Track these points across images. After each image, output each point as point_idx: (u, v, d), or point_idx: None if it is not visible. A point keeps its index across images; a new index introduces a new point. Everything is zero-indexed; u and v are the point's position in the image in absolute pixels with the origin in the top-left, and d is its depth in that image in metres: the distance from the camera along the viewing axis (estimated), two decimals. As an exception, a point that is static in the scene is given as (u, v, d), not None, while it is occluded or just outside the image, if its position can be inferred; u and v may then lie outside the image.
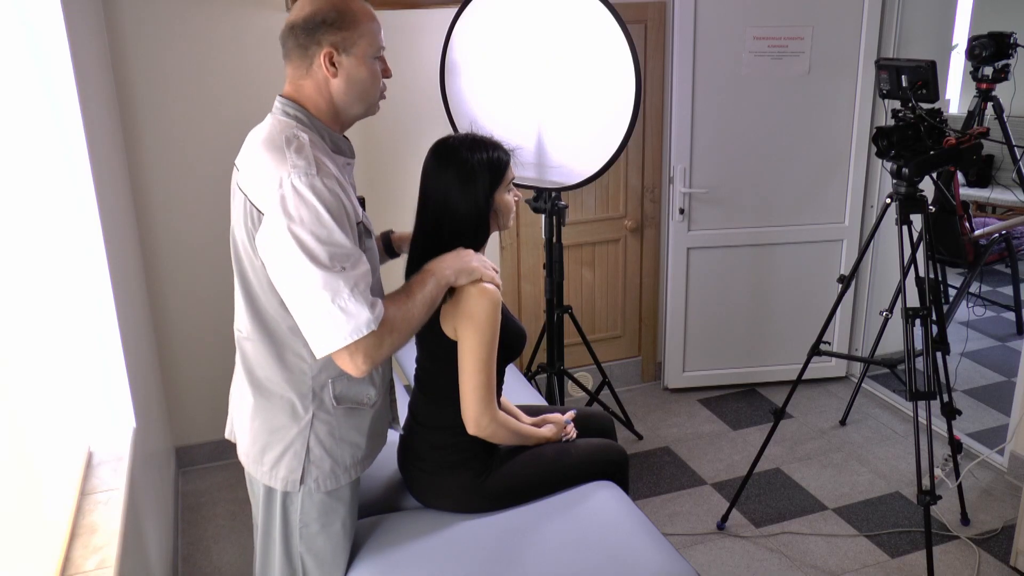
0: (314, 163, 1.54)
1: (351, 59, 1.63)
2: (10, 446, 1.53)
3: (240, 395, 1.77)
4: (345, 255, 1.52)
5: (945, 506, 2.97)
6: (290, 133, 1.58)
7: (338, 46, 1.61)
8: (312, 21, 1.60)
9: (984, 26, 4.49)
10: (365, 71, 1.65)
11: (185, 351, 3.24)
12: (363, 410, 1.76)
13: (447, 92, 2.99)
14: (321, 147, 1.62)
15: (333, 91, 1.64)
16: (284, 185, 1.51)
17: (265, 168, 1.55)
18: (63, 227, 2.00)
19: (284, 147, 1.55)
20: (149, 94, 2.96)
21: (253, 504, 1.84)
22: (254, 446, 1.74)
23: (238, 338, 1.75)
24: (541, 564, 1.79)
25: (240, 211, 1.61)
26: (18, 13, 1.85)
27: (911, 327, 2.63)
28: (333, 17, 1.60)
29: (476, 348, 1.79)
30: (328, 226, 1.51)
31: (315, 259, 1.49)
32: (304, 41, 1.61)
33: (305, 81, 1.65)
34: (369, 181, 3.32)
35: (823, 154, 3.65)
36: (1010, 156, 5.23)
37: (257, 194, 1.56)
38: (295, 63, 1.65)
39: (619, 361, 3.96)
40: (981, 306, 4.81)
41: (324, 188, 1.52)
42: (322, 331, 1.53)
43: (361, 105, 1.69)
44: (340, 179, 1.59)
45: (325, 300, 1.50)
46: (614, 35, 2.58)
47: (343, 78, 1.63)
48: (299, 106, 1.65)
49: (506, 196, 1.87)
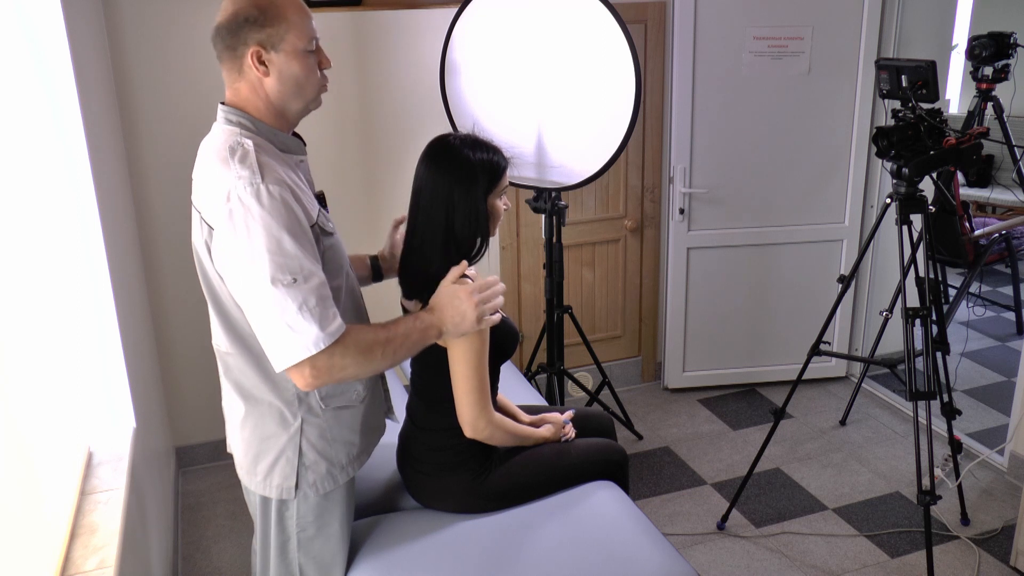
0: (259, 171, 1.49)
1: (280, 55, 1.56)
2: (10, 446, 1.53)
3: (231, 406, 1.75)
4: (297, 266, 1.48)
5: (945, 506, 2.97)
6: (233, 142, 1.54)
7: (264, 43, 1.55)
8: (235, 21, 1.54)
9: (984, 26, 4.49)
10: (297, 66, 1.58)
11: (185, 351, 3.24)
12: (353, 407, 1.75)
13: (447, 92, 2.99)
14: (268, 150, 1.57)
15: (268, 90, 1.59)
16: (231, 198, 1.47)
17: (212, 182, 1.52)
18: (63, 227, 2.00)
19: (228, 157, 1.51)
20: (149, 94, 2.96)
21: (252, 514, 1.84)
22: (247, 456, 1.72)
23: (219, 354, 1.72)
24: (541, 564, 1.79)
25: (196, 229, 1.59)
26: (18, 13, 1.85)
27: (911, 327, 2.63)
28: (255, 14, 1.54)
29: (466, 354, 1.78)
30: (277, 235, 1.47)
31: (264, 273, 1.46)
32: (231, 42, 1.56)
33: (240, 84, 1.60)
34: (369, 182, 3.32)
35: (823, 154, 3.65)
36: (1010, 156, 5.23)
37: (207, 209, 1.53)
38: (227, 66, 1.59)
39: (619, 361, 3.96)
40: (981, 306, 4.81)
41: (271, 195, 1.48)
42: (274, 347, 1.51)
43: (299, 102, 1.63)
44: (291, 181, 1.55)
45: (274, 316, 1.48)
46: (614, 35, 2.58)
47: (275, 76, 1.57)
48: (239, 111, 1.59)
49: (497, 202, 1.85)
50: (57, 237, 1.99)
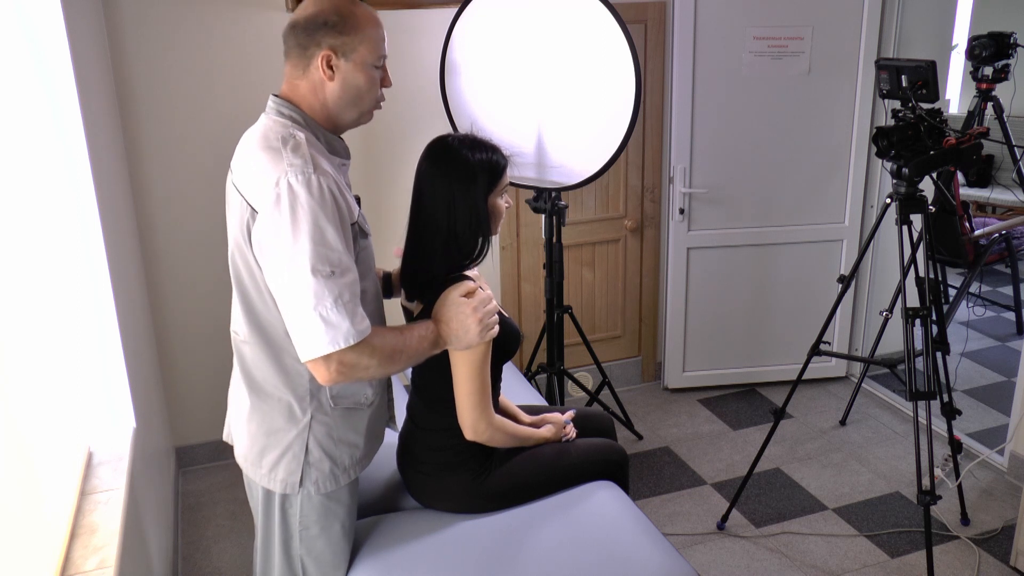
0: (311, 161, 1.52)
1: (349, 64, 1.61)
2: (10, 446, 1.53)
3: (237, 397, 1.77)
4: (337, 259, 1.51)
5: (945, 506, 2.97)
6: (286, 133, 1.57)
7: (337, 49, 1.60)
8: (314, 22, 1.59)
9: (984, 26, 4.49)
10: (362, 78, 1.63)
11: (185, 351, 3.24)
12: (360, 410, 1.76)
13: (447, 92, 2.99)
14: (317, 147, 1.61)
15: (328, 94, 1.63)
16: (281, 183, 1.49)
17: (261, 167, 1.54)
18: (63, 227, 2.00)
19: (281, 147, 1.54)
20: (149, 94, 2.96)
21: (252, 508, 1.84)
22: (252, 449, 1.73)
23: (235, 341, 1.74)
24: (541, 564, 1.79)
25: (236, 212, 1.60)
26: (18, 13, 1.85)
27: (911, 327, 2.63)
28: (335, 20, 1.58)
29: (468, 356, 1.78)
30: (322, 226, 1.50)
31: (305, 261, 1.48)
32: (304, 41, 1.60)
33: (301, 81, 1.63)
34: (368, 182, 3.32)
35: (823, 154, 3.65)
36: (1010, 156, 5.23)
37: (253, 193, 1.55)
38: (293, 62, 1.64)
39: (619, 361, 3.96)
40: (981, 306, 4.81)
41: (321, 186, 1.51)
42: (304, 337, 1.52)
43: (354, 111, 1.67)
44: (336, 178, 1.59)
45: (308, 306, 1.49)
46: (614, 35, 2.58)
47: (339, 82, 1.62)
48: (294, 106, 1.64)
49: (498, 201, 1.85)
50: (57, 237, 1.99)
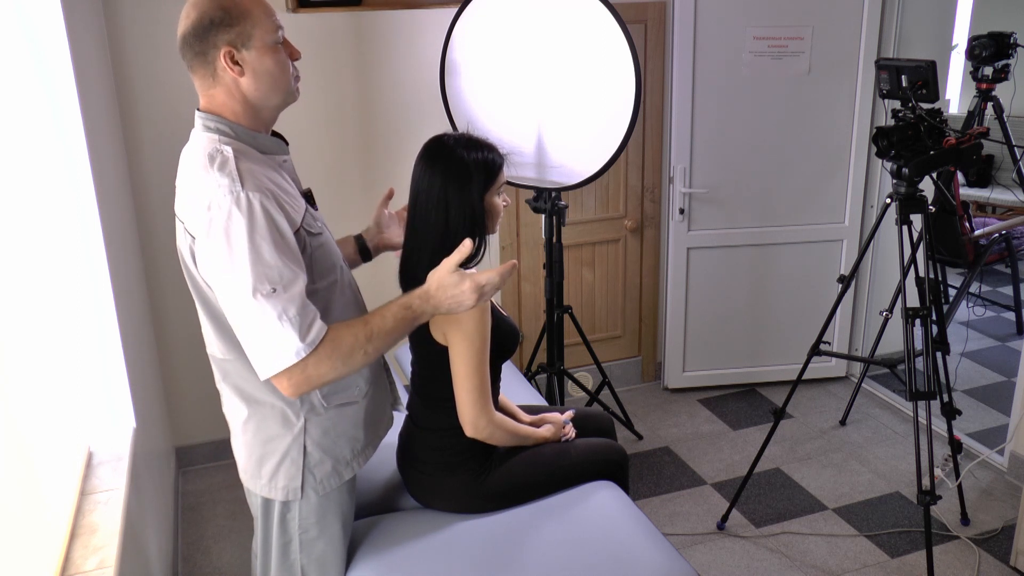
0: (239, 179, 1.47)
1: (252, 52, 1.55)
2: (10, 446, 1.53)
3: (232, 410, 1.74)
4: (276, 275, 1.47)
5: (945, 506, 2.97)
6: (212, 149, 1.52)
7: (234, 43, 1.54)
8: (201, 25, 1.54)
9: (984, 26, 4.49)
10: (270, 60, 1.57)
11: (185, 351, 3.24)
12: (355, 403, 1.74)
13: (447, 92, 2.99)
14: (249, 154, 1.56)
15: (245, 90, 1.58)
16: (212, 208, 1.46)
17: (193, 190, 1.52)
18: (63, 227, 2.00)
19: (208, 166, 1.50)
20: (149, 94, 2.96)
21: (252, 511, 1.83)
22: (250, 459, 1.72)
23: (216, 362, 1.70)
24: (541, 564, 1.79)
25: (180, 236, 1.58)
26: (18, 13, 1.85)
27: (911, 327, 2.63)
28: (220, 15, 1.53)
29: (467, 354, 1.78)
30: (257, 244, 1.46)
31: (245, 283, 1.45)
32: (200, 48, 1.55)
33: (215, 90, 1.59)
34: (368, 182, 3.32)
35: (823, 154, 3.65)
36: (1010, 156, 5.23)
37: (189, 218, 1.52)
38: (200, 73, 1.59)
39: (619, 361, 3.96)
40: (981, 306, 4.81)
41: (251, 203, 1.47)
42: (257, 356, 1.50)
43: (277, 96, 1.61)
44: (274, 185, 1.54)
45: (255, 326, 1.47)
46: (614, 35, 2.58)
47: (250, 74, 1.56)
48: (216, 116, 1.58)
49: (495, 199, 1.85)
50: (57, 237, 1.99)
